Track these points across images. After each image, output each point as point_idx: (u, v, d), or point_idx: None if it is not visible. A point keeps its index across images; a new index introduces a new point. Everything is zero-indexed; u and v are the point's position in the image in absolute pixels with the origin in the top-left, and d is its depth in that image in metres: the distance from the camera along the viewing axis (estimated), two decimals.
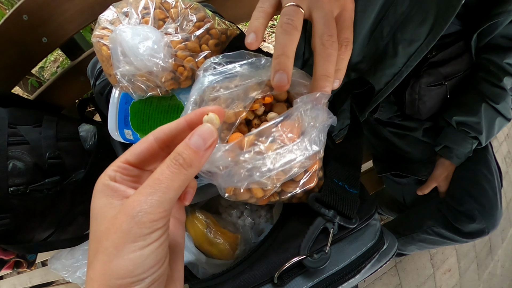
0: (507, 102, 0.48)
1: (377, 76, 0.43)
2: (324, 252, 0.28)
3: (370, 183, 0.72)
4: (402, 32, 0.39)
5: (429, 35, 0.38)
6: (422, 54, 0.39)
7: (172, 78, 0.28)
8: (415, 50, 0.39)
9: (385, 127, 0.57)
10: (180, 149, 0.15)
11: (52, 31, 0.48)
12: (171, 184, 0.14)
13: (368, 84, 0.38)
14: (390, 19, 0.40)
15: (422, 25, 0.38)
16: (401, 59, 0.41)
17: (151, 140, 0.16)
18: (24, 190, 0.40)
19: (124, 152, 0.17)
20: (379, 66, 0.42)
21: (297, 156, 0.20)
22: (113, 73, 0.27)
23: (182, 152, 0.15)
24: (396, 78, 0.42)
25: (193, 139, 0.15)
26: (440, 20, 0.36)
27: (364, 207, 0.31)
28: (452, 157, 0.52)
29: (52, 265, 0.50)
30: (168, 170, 0.14)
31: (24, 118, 0.45)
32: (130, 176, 0.16)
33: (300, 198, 0.29)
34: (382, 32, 0.41)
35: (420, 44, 0.39)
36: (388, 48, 0.41)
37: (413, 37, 0.39)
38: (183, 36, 0.28)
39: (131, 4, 0.30)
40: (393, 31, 0.40)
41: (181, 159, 0.14)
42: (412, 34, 0.39)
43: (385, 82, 0.43)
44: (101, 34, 0.28)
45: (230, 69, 0.24)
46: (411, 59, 0.40)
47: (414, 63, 0.40)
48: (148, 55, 0.23)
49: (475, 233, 0.52)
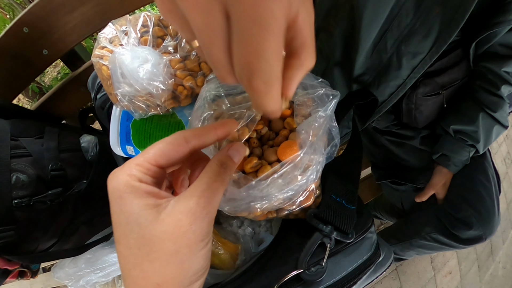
0: (504, 110, 0.48)
1: (381, 88, 0.44)
2: (321, 266, 0.29)
3: (369, 190, 0.73)
4: (406, 45, 0.40)
5: (432, 48, 0.38)
6: (425, 66, 0.40)
7: (172, 98, 0.28)
8: (419, 62, 0.40)
9: (382, 136, 0.58)
10: (222, 158, 0.17)
11: (52, 43, 0.48)
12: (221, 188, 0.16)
13: (371, 96, 0.38)
14: (394, 32, 0.40)
15: (426, 39, 0.38)
16: (405, 71, 0.41)
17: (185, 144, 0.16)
18: (27, 202, 0.40)
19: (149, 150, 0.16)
20: (383, 78, 0.43)
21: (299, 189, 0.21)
22: (114, 93, 0.28)
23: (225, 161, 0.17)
24: (400, 89, 0.43)
25: (232, 153, 0.17)
26: (444, 34, 0.37)
27: (360, 220, 0.32)
28: (450, 165, 0.52)
29: (55, 274, 0.50)
30: (220, 177, 0.16)
31: (26, 129, 0.46)
32: (155, 177, 0.16)
33: (297, 215, 0.29)
34: (386, 45, 0.41)
35: (424, 57, 0.39)
36: (392, 60, 0.41)
37: (417, 50, 0.39)
38: (182, 54, 0.29)
39: (130, 22, 0.31)
40: (397, 44, 0.40)
41: (225, 165, 0.17)
42: (416, 47, 0.39)
43: (389, 93, 0.43)
44: (101, 54, 0.28)
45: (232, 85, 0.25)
46: (415, 71, 0.40)
47: (417, 74, 0.41)
48: (148, 78, 0.24)
49: (473, 240, 0.52)
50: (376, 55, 0.42)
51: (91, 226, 0.50)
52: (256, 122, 0.24)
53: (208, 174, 0.16)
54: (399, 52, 0.40)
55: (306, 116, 0.24)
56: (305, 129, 0.22)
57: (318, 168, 0.22)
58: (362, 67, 0.44)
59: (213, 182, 0.15)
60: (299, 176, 0.21)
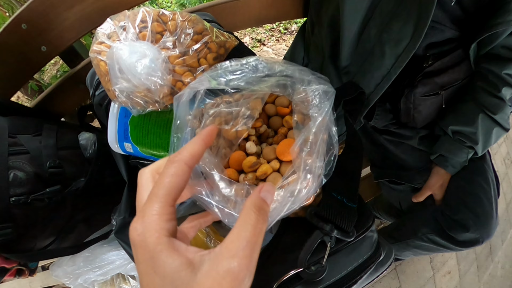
0: (505, 113, 0.47)
1: (366, 79, 0.43)
2: (321, 264, 0.28)
3: (368, 189, 0.73)
4: (388, 32, 0.39)
5: (414, 33, 0.37)
6: (409, 54, 0.39)
7: (171, 93, 0.28)
8: (402, 50, 0.39)
9: (381, 135, 0.57)
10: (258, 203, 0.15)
11: (51, 39, 0.48)
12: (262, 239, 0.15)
13: (358, 89, 0.38)
14: (377, 20, 0.39)
15: (407, 24, 0.37)
16: (389, 60, 0.40)
17: (189, 172, 0.16)
18: (25, 199, 0.40)
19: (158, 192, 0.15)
20: (367, 68, 0.42)
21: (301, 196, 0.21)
22: (112, 89, 0.27)
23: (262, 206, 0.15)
24: (385, 80, 0.42)
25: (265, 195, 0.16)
26: (423, 16, 0.36)
27: (361, 219, 0.31)
28: (447, 166, 0.51)
29: (53, 272, 0.50)
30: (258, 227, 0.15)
31: (24, 127, 0.45)
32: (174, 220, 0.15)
33: (297, 213, 0.29)
34: (370, 34, 0.41)
35: (407, 44, 0.38)
36: (375, 49, 0.41)
37: (399, 37, 0.38)
38: (181, 50, 0.28)
39: (129, 17, 0.30)
40: (379, 32, 0.40)
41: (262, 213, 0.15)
42: (398, 33, 0.38)
43: (375, 84, 0.43)
44: (99, 50, 0.28)
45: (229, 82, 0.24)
46: (399, 60, 0.40)
47: (402, 63, 0.40)
48: (146, 73, 0.24)
49: (469, 242, 0.51)
50: (361, 45, 0.42)
51: (89, 224, 0.50)
52: (254, 120, 0.24)
53: (247, 227, 0.14)
54: (381, 40, 0.40)
55: (305, 114, 0.24)
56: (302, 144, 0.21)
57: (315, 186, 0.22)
58: (348, 58, 0.44)
59: (252, 236, 0.14)
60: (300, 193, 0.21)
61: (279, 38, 1.53)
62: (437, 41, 0.46)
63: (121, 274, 0.56)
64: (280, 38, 1.53)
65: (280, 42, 1.51)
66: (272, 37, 1.53)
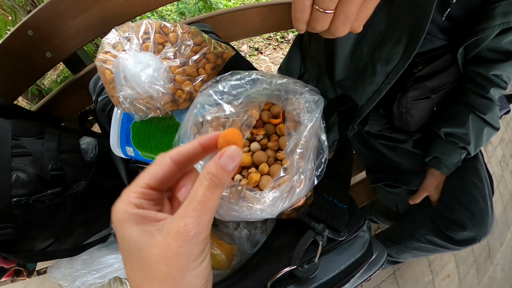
0: (494, 113, 0.48)
1: (358, 93, 0.45)
2: (313, 263, 0.29)
3: (364, 193, 0.74)
4: (380, 51, 0.41)
5: (404, 54, 0.40)
6: (399, 73, 0.41)
7: (172, 101, 0.30)
8: (392, 69, 0.41)
9: (376, 139, 0.59)
10: (213, 170, 0.16)
11: (56, 46, 0.49)
12: (214, 203, 0.16)
13: (351, 101, 0.40)
14: (369, 39, 0.42)
15: (397, 45, 0.40)
16: (380, 77, 0.43)
17: (170, 163, 0.17)
18: (26, 200, 0.41)
19: (140, 177, 0.17)
20: (360, 83, 0.45)
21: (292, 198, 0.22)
22: (116, 95, 0.29)
23: (217, 173, 0.16)
24: (376, 95, 0.44)
25: (223, 160, 0.16)
26: (413, 40, 0.38)
27: (352, 220, 0.33)
28: (442, 167, 0.53)
29: (51, 274, 0.50)
30: (209, 192, 0.15)
31: (27, 130, 0.46)
32: (152, 200, 0.17)
33: (289, 215, 0.30)
34: (362, 52, 0.43)
35: (397, 63, 0.41)
36: (368, 67, 0.43)
37: (390, 56, 0.41)
38: (181, 61, 0.30)
39: (132, 28, 0.32)
40: (371, 51, 0.42)
41: (217, 180, 0.16)
42: (388, 53, 0.41)
43: (367, 98, 0.45)
44: (104, 59, 0.30)
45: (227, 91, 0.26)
46: (389, 77, 0.42)
47: (392, 80, 0.42)
48: (149, 82, 0.25)
49: (467, 241, 0.52)
50: (354, 61, 0.44)
51: (88, 227, 0.50)
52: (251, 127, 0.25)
53: (197, 191, 0.15)
54: (373, 58, 0.42)
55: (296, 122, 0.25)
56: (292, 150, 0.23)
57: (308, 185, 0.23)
58: (342, 73, 0.46)
59: (202, 199, 0.15)
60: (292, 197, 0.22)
61: (276, 46, 1.56)
62: (426, 50, 0.48)
63: (119, 278, 0.56)
64: (277, 47, 1.56)
65: (277, 51, 1.55)
66: (269, 45, 1.57)
